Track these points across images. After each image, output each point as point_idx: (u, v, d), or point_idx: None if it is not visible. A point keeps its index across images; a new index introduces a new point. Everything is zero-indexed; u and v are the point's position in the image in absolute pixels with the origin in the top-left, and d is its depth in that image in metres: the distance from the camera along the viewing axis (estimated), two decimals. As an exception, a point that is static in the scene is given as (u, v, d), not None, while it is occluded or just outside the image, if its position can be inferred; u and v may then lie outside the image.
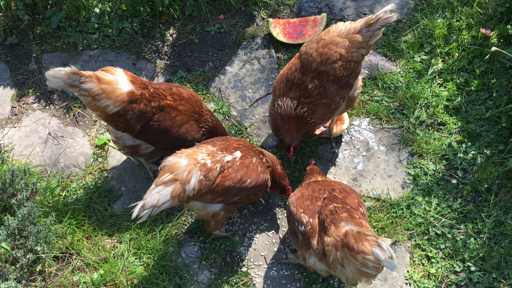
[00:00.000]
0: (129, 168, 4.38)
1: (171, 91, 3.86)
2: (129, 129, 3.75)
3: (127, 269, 3.85)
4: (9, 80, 4.83)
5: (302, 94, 3.78)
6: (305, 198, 3.49)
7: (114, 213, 4.17)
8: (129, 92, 3.61)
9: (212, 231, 3.86)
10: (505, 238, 3.92)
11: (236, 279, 3.87)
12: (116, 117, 3.65)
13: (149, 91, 3.72)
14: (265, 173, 3.75)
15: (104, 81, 3.53)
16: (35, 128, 4.59)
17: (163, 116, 3.76)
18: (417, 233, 4.01)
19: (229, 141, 3.73)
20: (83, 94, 3.50)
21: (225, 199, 3.60)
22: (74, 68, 3.41)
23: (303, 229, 3.38)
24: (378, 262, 2.88)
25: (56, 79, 3.39)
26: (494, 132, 4.34)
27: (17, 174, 3.91)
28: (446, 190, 4.17)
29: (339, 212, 3.23)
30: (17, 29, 5.02)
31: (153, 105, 3.72)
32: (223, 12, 5.15)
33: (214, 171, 3.45)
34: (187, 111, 3.86)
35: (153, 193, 3.21)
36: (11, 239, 3.64)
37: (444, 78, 4.66)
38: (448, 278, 3.84)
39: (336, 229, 3.12)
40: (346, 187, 3.58)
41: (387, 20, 3.50)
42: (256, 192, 3.74)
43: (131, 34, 5.01)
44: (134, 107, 3.64)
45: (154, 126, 3.75)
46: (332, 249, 3.11)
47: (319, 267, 3.43)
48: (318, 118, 3.88)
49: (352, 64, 3.69)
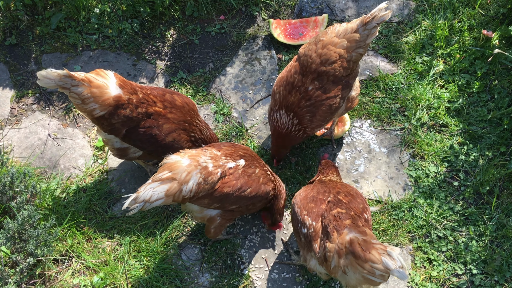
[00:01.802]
0: (129, 170, 4.36)
1: (163, 97, 3.80)
2: (114, 132, 3.72)
3: (127, 272, 3.84)
4: (8, 81, 4.80)
5: (302, 97, 3.78)
6: (310, 200, 3.48)
7: (114, 216, 4.15)
8: (115, 96, 3.58)
9: (212, 237, 3.83)
10: (507, 241, 3.91)
11: (237, 282, 3.86)
12: (102, 120, 3.63)
13: (137, 97, 3.67)
14: (267, 185, 3.67)
15: (94, 84, 3.51)
16: (34, 130, 4.57)
17: (150, 123, 3.70)
18: (419, 235, 3.99)
19: (236, 148, 3.68)
20: (73, 96, 3.50)
21: (222, 205, 3.55)
22: (67, 71, 3.39)
23: (305, 231, 3.38)
24: (387, 271, 2.87)
25: (47, 80, 3.37)
26: (496, 134, 4.33)
27: (17, 176, 3.89)
28: (448, 192, 4.15)
29: (342, 218, 3.22)
30: (16, 29, 4.99)
31: (139, 111, 3.67)
32: (224, 12, 5.13)
33: (215, 175, 3.41)
34: (176, 119, 3.79)
35: (147, 188, 3.16)
36: (11, 242, 3.62)
37: (445, 80, 4.65)
38: (450, 281, 3.83)
39: (339, 236, 3.12)
40: (351, 191, 3.57)
41: (382, 17, 3.54)
42: (255, 203, 3.68)
43: (131, 34, 4.98)
44: (119, 112, 3.60)
45: (140, 132, 3.70)
46: (334, 256, 3.11)
47: (319, 270, 3.43)
48: (319, 120, 3.87)
49: (351, 64, 3.72)
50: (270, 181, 3.71)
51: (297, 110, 3.81)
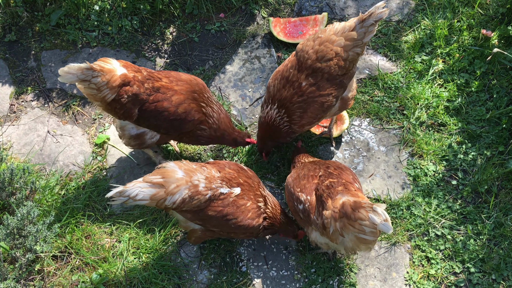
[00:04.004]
0: (128, 167, 4.37)
1: (168, 74, 3.86)
2: (127, 114, 3.75)
3: (126, 268, 3.84)
4: (8, 78, 4.80)
5: (295, 92, 3.80)
6: (301, 178, 3.60)
7: (113, 212, 4.15)
8: (122, 75, 3.64)
9: (193, 243, 3.91)
10: (504, 240, 3.92)
11: (235, 279, 3.87)
12: (114, 104, 3.68)
13: (142, 74, 3.74)
14: (254, 220, 3.59)
15: (105, 70, 3.58)
16: (33, 126, 4.57)
17: (159, 97, 3.74)
18: (417, 234, 4.01)
19: (239, 174, 3.63)
20: (91, 87, 3.56)
21: (203, 224, 3.58)
22: (88, 63, 3.45)
23: (302, 207, 3.51)
24: (374, 227, 2.99)
25: (69, 75, 3.43)
26: (494, 133, 4.34)
27: (16, 172, 3.89)
28: (446, 191, 4.17)
29: (335, 186, 3.36)
30: (16, 26, 4.99)
31: (146, 86, 3.71)
32: (224, 10, 5.13)
33: (202, 196, 3.40)
34: (183, 90, 3.81)
35: (136, 186, 3.22)
36: (10, 238, 3.62)
37: (444, 79, 4.66)
38: (448, 279, 3.84)
39: (333, 202, 3.25)
40: (340, 165, 3.70)
41: (379, 15, 3.55)
42: (238, 233, 3.66)
43: (130, 32, 4.98)
44: (127, 90, 3.65)
45: (151, 108, 3.73)
46: (331, 221, 3.24)
47: (320, 240, 3.54)
48: (310, 117, 3.88)
49: (347, 64, 3.71)
50: (259, 217, 3.63)
51: (289, 105, 3.83)
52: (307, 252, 3.95)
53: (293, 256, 3.97)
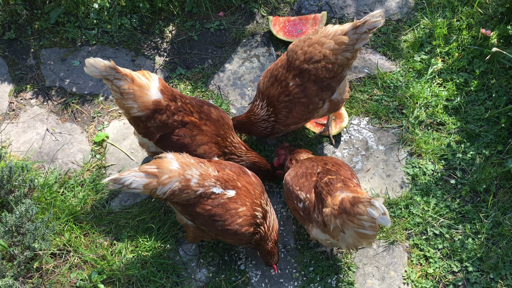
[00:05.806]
0: (127, 166, 4.37)
1: (200, 108, 3.82)
2: (148, 136, 3.77)
3: (124, 266, 3.84)
4: (7, 76, 4.80)
5: (282, 91, 3.82)
6: (300, 176, 3.61)
7: (112, 211, 4.16)
8: (155, 101, 3.63)
9: (191, 242, 3.90)
10: (503, 239, 3.93)
11: (234, 277, 3.87)
12: (138, 121, 3.70)
13: (176, 104, 3.72)
14: (244, 228, 3.49)
15: (137, 82, 3.58)
16: (32, 124, 4.57)
17: (184, 132, 3.74)
18: (415, 233, 4.01)
19: (240, 177, 3.57)
20: (114, 89, 3.57)
21: (192, 220, 3.56)
22: (113, 63, 3.47)
23: (302, 205, 3.52)
24: (373, 221, 3.00)
25: (93, 68, 3.45)
26: (493, 132, 4.34)
27: (15, 170, 3.89)
28: (445, 190, 4.17)
29: (334, 183, 3.37)
30: (15, 24, 4.99)
31: (175, 118, 3.71)
32: (223, 9, 5.13)
33: (191, 191, 3.38)
34: (209, 132, 3.80)
35: (130, 175, 3.27)
36: (8, 236, 3.63)
37: (443, 78, 4.66)
38: (446, 278, 3.84)
39: (332, 199, 3.27)
40: (338, 161, 3.70)
41: (374, 24, 3.51)
42: (225, 237, 3.60)
43: (130, 30, 4.98)
44: (156, 117, 3.66)
45: (173, 140, 3.74)
46: (331, 218, 3.25)
47: (320, 237, 3.55)
48: (295, 117, 3.90)
49: (336, 67, 3.69)
50: (250, 226, 3.53)
51: (276, 103, 3.85)
52: (306, 250, 3.96)
53: (292, 255, 3.98)
